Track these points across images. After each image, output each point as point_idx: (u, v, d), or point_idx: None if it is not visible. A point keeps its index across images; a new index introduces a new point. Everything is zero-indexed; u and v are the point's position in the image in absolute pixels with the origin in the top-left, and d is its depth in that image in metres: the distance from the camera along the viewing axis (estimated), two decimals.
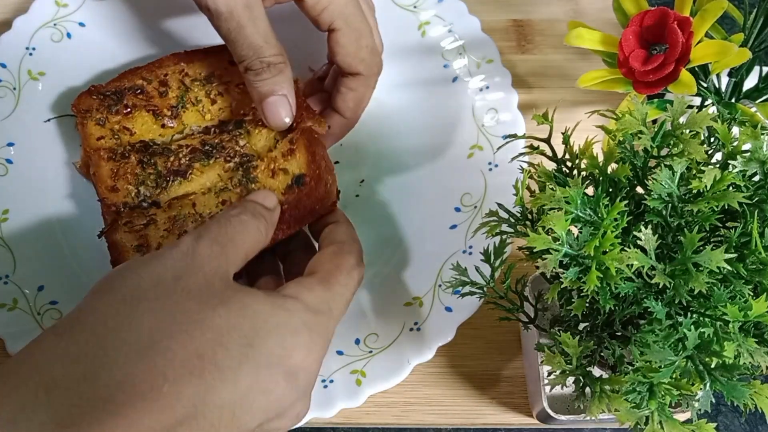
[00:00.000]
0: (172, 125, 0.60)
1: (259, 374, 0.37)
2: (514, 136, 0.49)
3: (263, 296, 0.41)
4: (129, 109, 0.59)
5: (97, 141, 0.58)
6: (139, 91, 0.60)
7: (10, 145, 0.61)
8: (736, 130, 0.40)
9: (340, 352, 0.55)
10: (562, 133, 0.44)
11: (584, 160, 0.42)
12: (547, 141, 0.45)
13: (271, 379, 0.38)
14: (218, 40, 0.64)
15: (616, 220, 0.37)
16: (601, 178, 0.41)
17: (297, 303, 0.41)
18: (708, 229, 0.38)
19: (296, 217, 0.51)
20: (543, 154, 0.45)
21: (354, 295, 0.46)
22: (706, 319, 0.36)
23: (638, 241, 0.37)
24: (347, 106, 0.58)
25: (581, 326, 0.44)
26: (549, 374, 0.52)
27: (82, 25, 0.66)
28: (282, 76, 0.53)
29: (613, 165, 0.41)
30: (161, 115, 0.59)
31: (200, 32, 0.66)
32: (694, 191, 0.37)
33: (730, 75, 0.58)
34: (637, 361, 0.36)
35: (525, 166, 0.44)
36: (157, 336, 0.37)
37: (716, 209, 0.37)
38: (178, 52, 0.63)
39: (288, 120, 0.54)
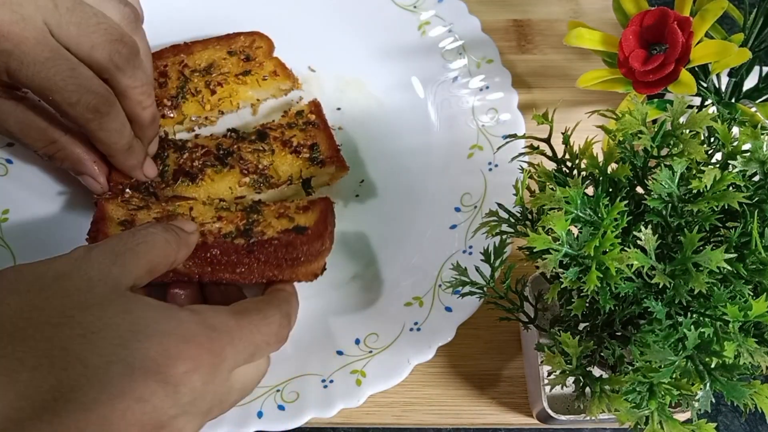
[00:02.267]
0: (171, 115, 0.60)
1: (133, 379, 0.36)
2: (514, 136, 0.49)
3: (155, 304, 0.40)
4: None
5: None
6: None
7: (10, 145, 0.61)
8: (736, 130, 0.40)
9: (340, 352, 0.55)
10: (562, 133, 0.44)
11: (584, 160, 0.42)
12: (547, 141, 0.45)
13: (146, 386, 0.36)
14: (217, 32, 0.65)
15: (616, 220, 0.37)
16: (601, 178, 0.41)
17: (193, 315, 0.40)
18: (708, 229, 0.38)
19: (278, 257, 0.51)
20: (543, 154, 0.45)
21: (264, 350, 0.44)
22: (706, 319, 0.36)
23: (638, 241, 0.37)
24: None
25: (581, 326, 0.44)
26: (549, 374, 0.52)
27: None
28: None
29: (613, 165, 0.41)
30: (161, 106, 0.60)
31: (200, 24, 0.66)
32: (694, 191, 0.37)
33: (730, 75, 0.58)
34: (637, 361, 0.36)
35: (525, 166, 0.44)
36: (21, 324, 0.36)
37: (716, 209, 0.37)
38: (177, 43, 0.63)
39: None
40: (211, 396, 0.39)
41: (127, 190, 0.56)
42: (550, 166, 0.44)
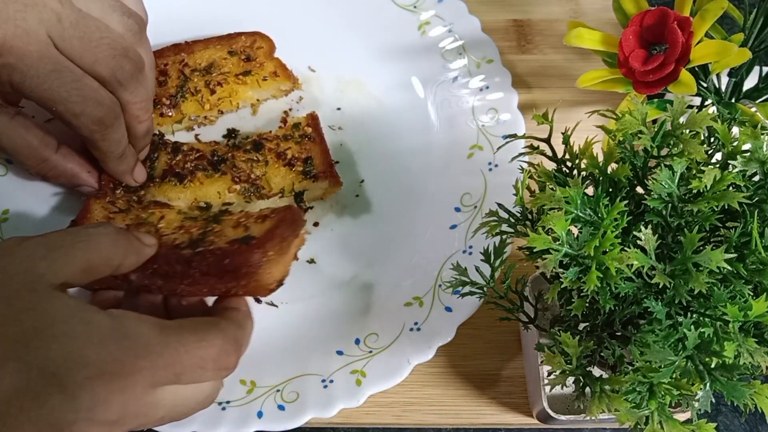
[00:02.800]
0: (170, 114, 0.60)
1: (29, 377, 0.35)
2: (514, 136, 0.49)
3: (72, 304, 0.38)
4: None
5: None
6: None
7: None
8: (736, 130, 0.40)
9: (340, 352, 0.55)
10: (562, 133, 0.44)
11: (584, 160, 0.42)
12: (547, 141, 0.45)
13: (44, 386, 0.35)
14: (218, 32, 0.65)
15: (616, 220, 0.37)
16: (601, 178, 0.41)
17: (109, 320, 0.39)
18: (708, 229, 0.38)
19: (217, 270, 0.47)
20: (543, 154, 0.45)
21: (196, 374, 0.41)
22: (706, 319, 0.36)
23: (638, 241, 0.37)
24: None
25: (581, 326, 0.44)
26: (549, 374, 0.52)
27: None
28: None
29: (613, 165, 0.41)
30: (160, 104, 0.60)
31: (201, 23, 0.66)
32: (694, 191, 0.37)
33: (730, 75, 0.58)
34: (637, 361, 0.36)
35: (525, 166, 0.44)
36: None
37: (716, 209, 0.37)
38: (178, 42, 0.63)
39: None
40: (120, 407, 0.37)
41: (118, 190, 0.56)
42: (550, 166, 0.44)
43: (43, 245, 0.40)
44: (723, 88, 0.58)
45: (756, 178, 0.39)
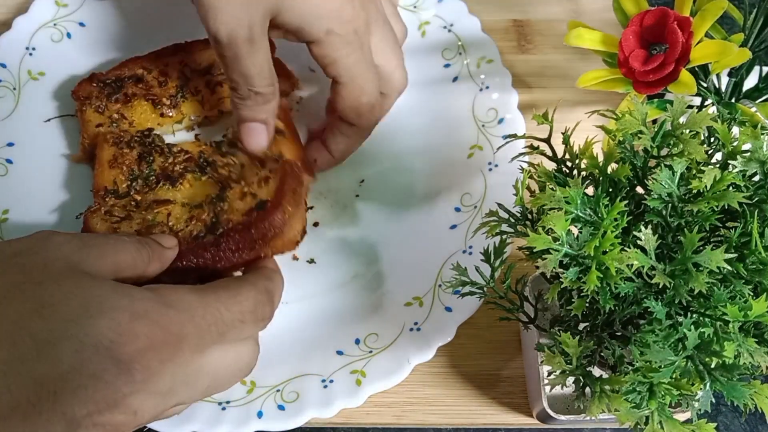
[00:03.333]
0: (171, 114, 0.60)
1: (84, 355, 0.35)
2: (514, 136, 0.49)
3: (109, 283, 0.40)
4: (128, 98, 0.60)
5: (96, 128, 0.59)
6: (139, 80, 0.61)
7: (10, 145, 0.61)
8: (736, 130, 0.40)
9: (340, 352, 0.55)
10: (562, 133, 0.44)
11: (584, 160, 0.42)
12: (547, 141, 0.45)
13: (99, 362, 0.36)
14: None
15: (616, 220, 0.37)
16: (601, 178, 0.41)
17: (147, 292, 0.40)
18: (708, 229, 0.38)
19: (247, 241, 0.50)
20: (543, 154, 0.45)
21: (238, 329, 0.43)
22: (706, 319, 0.36)
23: (638, 241, 0.37)
24: (337, 148, 0.59)
25: (581, 326, 0.44)
26: (549, 374, 0.52)
27: (82, 25, 0.66)
28: (266, 106, 0.54)
29: (613, 165, 0.41)
30: (160, 105, 0.60)
31: (200, 24, 0.66)
32: (694, 191, 0.37)
33: (730, 75, 0.58)
34: (637, 361, 0.36)
35: (525, 166, 0.44)
36: None
37: (716, 209, 0.37)
38: (178, 42, 0.63)
39: (263, 146, 0.55)
40: (171, 376, 0.38)
41: (109, 195, 0.56)
42: (550, 166, 0.44)
43: (78, 239, 0.42)
44: (723, 88, 0.58)
45: (756, 178, 0.39)
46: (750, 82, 0.58)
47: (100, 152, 0.57)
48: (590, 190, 0.40)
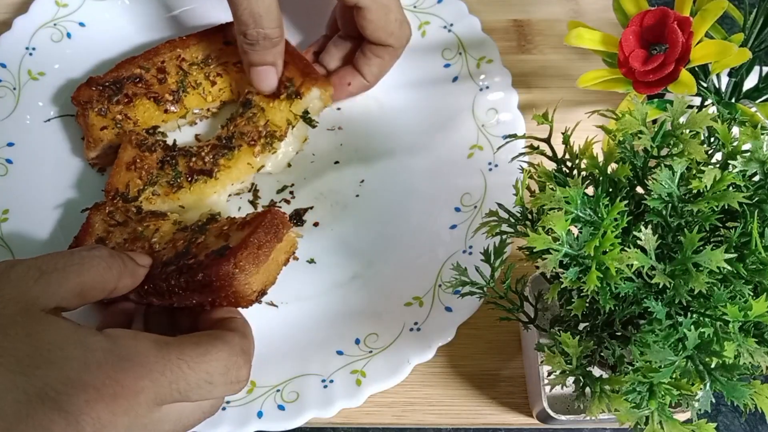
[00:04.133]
0: (174, 110, 0.61)
1: (30, 407, 0.34)
2: (514, 136, 0.49)
3: (66, 327, 0.38)
4: (130, 98, 0.60)
5: (101, 131, 0.59)
6: (137, 79, 0.61)
7: (10, 145, 0.61)
8: (736, 130, 0.40)
9: (340, 352, 0.55)
10: (562, 133, 0.44)
11: (584, 160, 0.42)
12: (547, 141, 0.45)
13: (44, 414, 0.34)
14: (211, 23, 0.65)
15: (616, 220, 0.37)
16: (601, 178, 0.41)
17: (105, 341, 0.38)
18: (708, 229, 0.38)
19: (195, 284, 0.46)
20: (543, 154, 0.45)
21: (205, 390, 0.40)
22: (706, 319, 0.36)
23: (638, 241, 0.37)
24: (371, 71, 0.60)
25: (581, 326, 0.44)
26: (549, 374, 0.52)
27: (82, 25, 0.66)
28: (275, 49, 0.56)
29: (613, 165, 0.41)
30: (163, 101, 0.60)
31: (194, 17, 0.67)
32: (694, 191, 0.37)
33: (730, 75, 0.58)
34: (637, 361, 0.36)
35: (525, 166, 0.44)
36: None
37: (716, 209, 0.37)
38: (172, 38, 0.63)
39: (273, 86, 0.58)
40: (125, 428, 0.37)
41: (117, 196, 0.56)
42: (550, 166, 0.44)
43: (36, 268, 0.40)
44: (723, 88, 0.58)
45: (756, 178, 0.39)
46: (750, 82, 0.58)
47: (121, 153, 0.58)
48: (590, 190, 0.40)
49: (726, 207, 0.38)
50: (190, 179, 0.57)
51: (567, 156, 0.44)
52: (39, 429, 0.34)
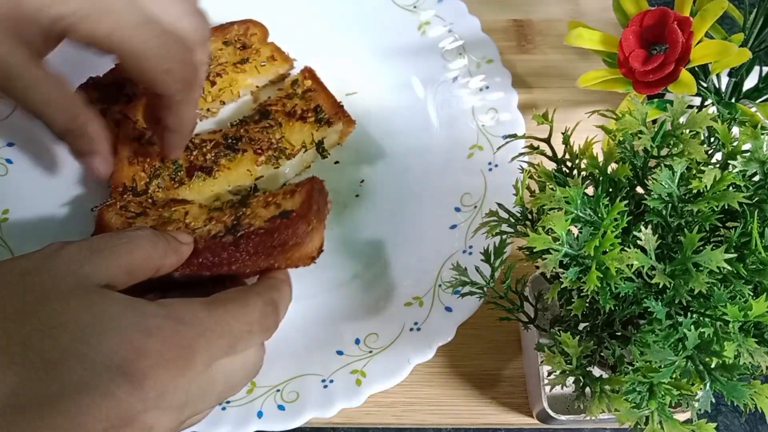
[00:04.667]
0: None
1: (94, 373, 0.35)
2: (514, 136, 0.49)
3: (120, 298, 0.39)
4: (129, 98, 0.60)
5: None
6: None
7: (10, 145, 0.61)
8: (736, 130, 0.40)
9: (340, 352, 0.55)
10: (562, 133, 0.44)
11: (584, 160, 0.42)
12: (547, 141, 0.45)
13: (110, 379, 0.35)
14: (212, 23, 0.65)
15: (616, 220, 0.37)
16: (601, 178, 0.41)
17: (159, 308, 0.39)
18: (708, 229, 0.38)
19: (265, 245, 0.49)
20: (543, 154, 0.45)
21: (246, 339, 0.42)
22: (706, 319, 0.36)
23: (638, 241, 0.37)
24: (171, 122, 0.53)
25: (581, 326, 0.44)
26: (549, 374, 0.52)
27: None
28: (84, 137, 0.52)
29: (613, 165, 0.41)
30: None
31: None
32: (694, 191, 0.37)
33: (730, 75, 0.58)
34: (637, 361, 0.36)
35: (525, 166, 0.44)
36: None
37: (716, 209, 0.37)
38: None
39: (102, 173, 0.54)
40: (184, 390, 0.38)
41: (127, 191, 0.56)
42: (550, 166, 0.44)
43: (87, 248, 0.41)
44: (723, 88, 0.58)
45: (756, 178, 0.39)
46: (750, 82, 0.58)
47: (120, 148, 0.58)
48: (590, 190, 0.40)
49: (726, 207, 0.38)
50: (189, 175, 0.57)
51: (567, 156, 0.44)
52: (104, 396, 0.35)
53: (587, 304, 0.39)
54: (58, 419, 0.34)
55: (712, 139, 0.42)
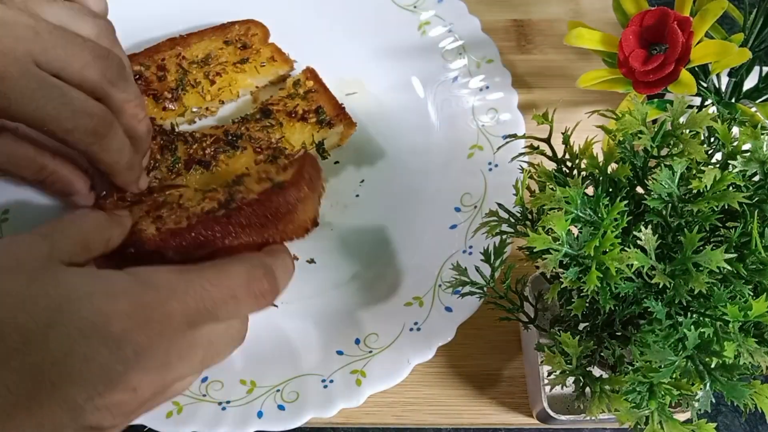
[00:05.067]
0: (173, 108, 0.61)
1: (74, 340, 0.36)
2: (514, 136, 0.49)
3: (86, 271, 0.40)
4: None
5: None
6: (137, 77, 0.61)
7: None
8: (736, 130, 0.40)
9: (340, 352, 0.55)
10: (562, 133, 0.44)
11: (584, 160, 0.42)
12: (547, 141, 0.45)
13: (88, 345, 0.36)
14: (210, 23, 0.65)
15: (616, 220, 0.37)
16: (601, 178, 0.41)
17: (123, 274, 0.40)
18: (708, 229, 0.38)
19: (258, 215, 0.48)
20: (543, 154, 0.45)
21: (229, 305, 0.41)
22: (706, 319, 0.36)
23: (638, 241, 0.37)
24: (102, 167, 0.52)
25: (581, 326, 0.44)
26: (549, 374, 0.52)
27: None
28: (57, 184, 0.53)
29: (613, 165, 0.41)
30: (162, 99, 0.60)
31: (196, 15, 0.66)
32: (694, 191, 0.37)
33: (730, 75, 0.58)
34: (637, 361, 0.36)
35: (525, 166, 0.44)
36: None
37: (716, 209, 0.37)
38: (173, 36, 0.63)
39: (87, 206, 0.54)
40: (163, 350, 0.38)
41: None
42: (550, 166, 0.44)
43: (38, 233, 0.42)
44: (723, 88, 0.58)
45: (756, 178, 0.39)
46: (750, 82, 0.58)
47: None
48: (590, 190, 0.40)
49: (726, 207, 0.38)
50: (187, 168, 0.57)
51: (567, 156, 0.44)
52: (85, 361, 0.36)
53: (587, 304, 0.39)
54: (44, 384, 0.35)
55: (712, 139, 0.42)
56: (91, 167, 0.53)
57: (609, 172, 0.41)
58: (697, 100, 0.59)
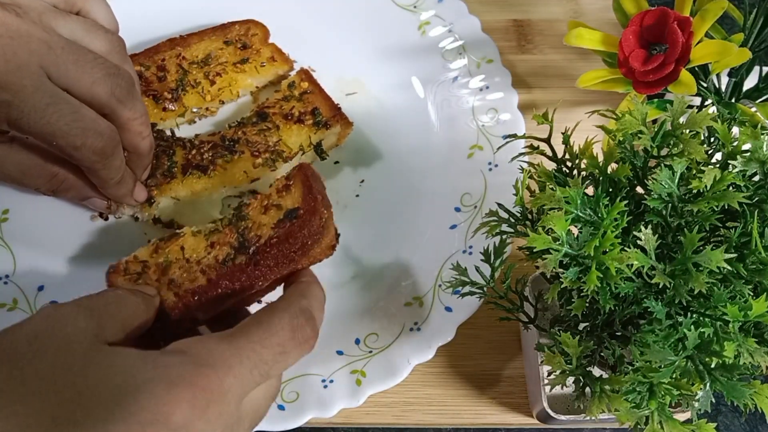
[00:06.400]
0: (173, 108, 0.61)
1: None
2: (514, 136, 0.49)
3: (135, 353, 0.38)
4: None
5: None
6: (138, 77, 0.61)
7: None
8: (736, 130, 0.40)
9: (340, 352, 0.55)
10: (562, 133, 0.44)
11: (584, 160, 0.42)
12: (547, 141, 0.45)
13: None
14: (211, 23, 0.65)
15: (616, 220, 0.37)
16: (601, 178, 0.41)
17: (176, 357, 0.38)
18: (708, 229, 0.38)
19: (285, 254, 0.46)
20: (543, 154, 0.45)
21: (280, 362, 0.40)
22: (706, 319, 0.36)
23: (638, 241, 0.37)
24: (98, 183, 0.53)
25: (581, 326, 0.44)
26: (549, 374, 0.52)
27: None
28: (71, 190, 0.53)
29: (613, 165, 0.41)
30: (162, 99, 0.60)
31: (196, 15, 0.67)
32: (694, 191, 0.37)
33: (730, 75, 0.58)
34: (637, 361, 0.36)
35: (525, 166, 0.44)
36: (2, 402, 0.34)
37: (716, 209, 0.37)
38: (173, 37, 0.63)
39: (102, 209, 0.56)
40: (219, 430, 0.37)
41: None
42: (550, 166, 0.44)
43: (82, 307, 0.40)
44: (723, 88, 0.58)
45: (756, 178, 0.39)
46: (750, 82, 0.58)
47: None
48: (590, 190, 0.40)
49: (726, 207, 0.38)
50: (184, 172, 0.57)
51: (567, 156, 0.44)
52: None
53: (587, 304, 0.39)
54: None
55: (712, 139, 0.42)
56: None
57: (609, 172, 0.41)
58: (697, 100, 0.59)
